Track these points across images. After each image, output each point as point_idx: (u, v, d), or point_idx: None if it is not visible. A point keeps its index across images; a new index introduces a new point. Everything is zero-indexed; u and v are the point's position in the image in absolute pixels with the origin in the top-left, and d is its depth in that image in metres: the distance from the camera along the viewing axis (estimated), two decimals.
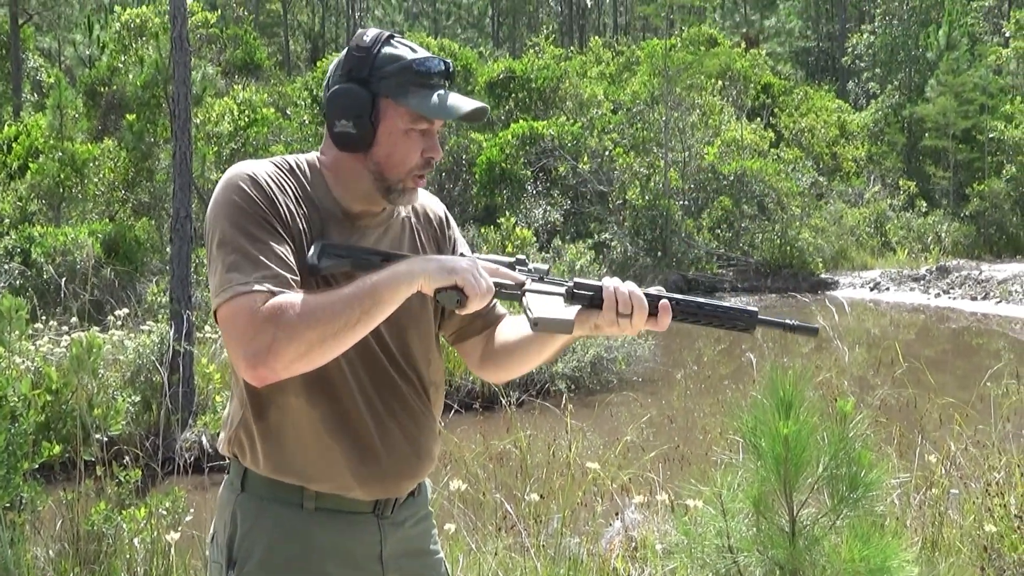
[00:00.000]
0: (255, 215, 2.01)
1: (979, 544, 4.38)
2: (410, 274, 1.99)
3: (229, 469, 2.21)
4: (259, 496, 2.13)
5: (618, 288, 2.09)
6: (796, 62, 47.49)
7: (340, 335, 1.94)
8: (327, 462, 2.10)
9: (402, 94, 2.10)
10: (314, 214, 2.12)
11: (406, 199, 2.17)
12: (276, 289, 1.94)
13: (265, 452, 2.11)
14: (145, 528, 4.81)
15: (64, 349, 8.28)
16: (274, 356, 1.90)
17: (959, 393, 7.24)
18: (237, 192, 2.03)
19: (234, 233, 1.99)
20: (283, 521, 2.12)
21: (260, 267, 1.96)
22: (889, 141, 32.74)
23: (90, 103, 20.20)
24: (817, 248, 23.57)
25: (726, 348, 14.92)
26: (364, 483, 2.13)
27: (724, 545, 2.96)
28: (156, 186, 17.59)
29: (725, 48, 28.17)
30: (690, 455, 6.54)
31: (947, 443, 5.38)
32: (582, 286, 2.10)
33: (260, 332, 1.90)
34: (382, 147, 2.12)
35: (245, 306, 1.92)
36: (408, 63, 2.10)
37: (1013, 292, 19.66)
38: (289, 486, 2.11)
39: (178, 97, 9.33)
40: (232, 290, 1.94)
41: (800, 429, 2.80)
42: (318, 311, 1.91)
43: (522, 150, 22.88)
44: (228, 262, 1.97)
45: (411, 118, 2.12)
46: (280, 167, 2.13)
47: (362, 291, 1.95)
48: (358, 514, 2.16)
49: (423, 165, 2.16)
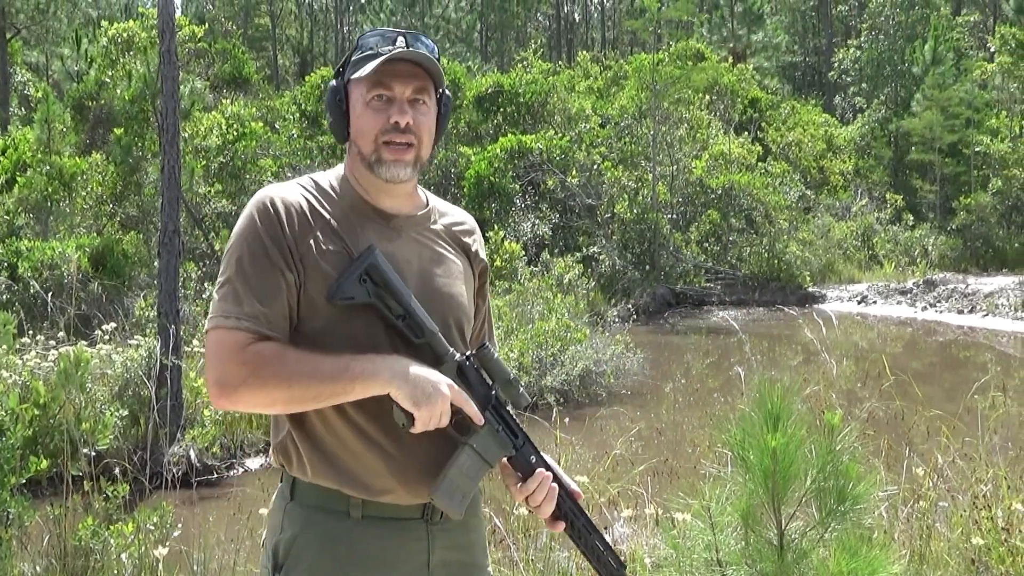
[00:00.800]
0: (258, 248, 2.10)
1: (966, 557, 4.39)
2: (388, 383, 2.04)
3: (282, 476, 2.25)
4: (306, 504, 2.16)
5: (540, 487, 2.21)
6: (783, 76, 47.69)
7: (304, 403, 2.08)
8: (368, 467, 2.13)
9: (355, 70, 2.19)
10: (349, 224, 2.18)
11: (388, 171, 2.18)
12: (257, 330, 2.06)
13: (309, 460, 2.14)
14: (133, 543, 4.79)
15: (52, 363, 8.25)
16: (238, 396, 2.07)
17: (946, 406, 7.26)
18: (249, 221, 2.14)
19: (235, 262, 2.11)
20: (329, 529, 2.14)
21: (246, 303, 2.07)
22: (876, 155, 32.88)
23: (78, 117, 20.15)
24: (804, 261, 23.62)
25: (714, 362, 14.94)
26: (407, 486, 2.15)
27: (712, 558, 2.96)
28: (144, 200, 17.56)
29: (712, 63, 28.25)
30: (679, 468, 6.54)
31: (934, 455, 5.39)
32: (520, 462, 2.23)
33: (236, 370, 2.05)
34: (353, 125, 2.22)
35: (228, 341, 2.06)
36: (356, 40, 2.22)
37: (999, 305, 19.74)
38: (335, 494, 2.14)
39: (166, 111, 9.32)
40: (217, 320, 2.08)
41: (788, 442, 2.80)
42: (293, 377, 2.04)
43: (510, 164, 22.89)
44: (223, 291, 2.11)
45: (367, 88, 2.17)
46: (305, 188, 2.21)
47: (340, 376, 2.04)
48: (406, 520, 2.18)
49: (390, 130, 2.17)
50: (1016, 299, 19.64)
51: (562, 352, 12.27)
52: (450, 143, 24.34)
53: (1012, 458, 5.84)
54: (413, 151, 2.20)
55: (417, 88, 2.19)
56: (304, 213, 2.14)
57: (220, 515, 7.27)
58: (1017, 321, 18.75)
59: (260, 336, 2.06)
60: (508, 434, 2.21)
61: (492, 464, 2.19)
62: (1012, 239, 27.87)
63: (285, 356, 2.05)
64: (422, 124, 2.20)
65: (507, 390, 2.21)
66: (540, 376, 11.74)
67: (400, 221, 2.25)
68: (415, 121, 2.18)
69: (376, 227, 2.20)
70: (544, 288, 15.16)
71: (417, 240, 2.26)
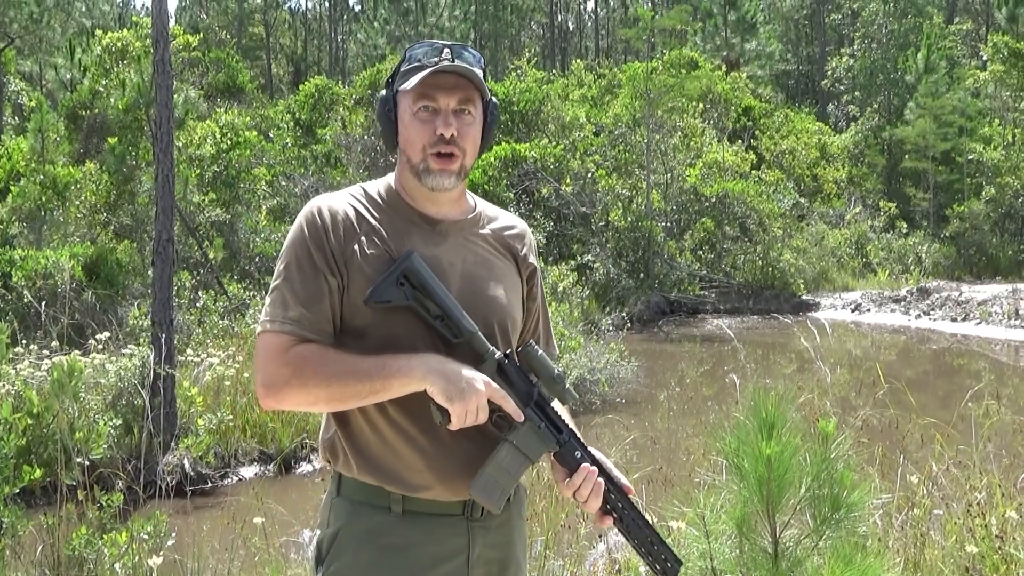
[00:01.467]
0: (304, 254, 2.21)
1: (961, 565, 4.39)
2: (423, 378, 2.11)
3: (331, 474, 2.32)
4: (351, 500, 2.24)
5: (586, 482, 2.25)
6: (777, 85, 47.76)
7: (345, 401, 2.16)
8: (408, 464, 2.19)
9: (403, 82, 2.26)
10: (394, 230, 2.26)
11: (435, 181, 2.25)
12: (300, 333, 2.17)
13: (353, 457, 2.22)
14: (127, 553, 4.78)
15: (45, 373, 8.22)
16: (283, 396, 2.17)
17: (940, 413, 7.26)
18: (298, 229, 2.25)
19: (284, 269, 2.23)
20: (372, 524, 2.21)
21: (289, 308, 2.19)
22: (869, 163, 32.95)
23: (71, 126, 20.11)
24: (798, 269, 23.65)
25: (709, 370, 14.94)
26: (445, 483, 2.20)
27: (707, 567, 2.96)
28: (138, 209, 17.52)
29: (706, 71, 28.29)
30: (673, 476, 6.54)
31: (929, 463, 5.39)
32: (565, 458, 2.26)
33: (279, 371, 2.16)
34: (401, 135, 2.29)
35: (272, 343, 2.18)
36: (403, 54, 2.28)
37: (993, 313, 19.77)
38: (377, 490, 2.20)
39: (160, 120, 9.32)
40: (264, 324, 2.21)
41: (783, 450, 2.81)
42: (333, 377, 2.13)
43: (505, 172, 22.90)
44: (272, 297, 2.23)
45: (413, 99, 2.24)
46: (354, 195, 2.31)
47: (378, 374, 2.12)
48: (447, 516, 2.23)
49: (436, 142, 2.23)
50: (1009, 307, 19.67)
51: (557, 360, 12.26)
52: None
53: (1006, 466, 5.84)
54: (458, 160, 2.26)
55: (462, 99, 2.25)
56: (350, 219, 2.24)
57: (214, 524, 7.26)
58: (1010, 329, 18.78)
59: (302, 338, 2.17)
60: (551, 430, 2.24)
61: (534, 460, 2.22)
62: (1005, 247, 27.94)
63: (325, 357, 2.15)
64: (466, 135, 2.26)
65: (551, 387, 2.26)
66: None
67: (446, 226, 2.32)
68: (459, 132, 2.24)
69: (421, 232, 2.28)
70: None
71: (463, 244, 2.33)
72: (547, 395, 2.27)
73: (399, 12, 55.58)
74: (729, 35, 44.31)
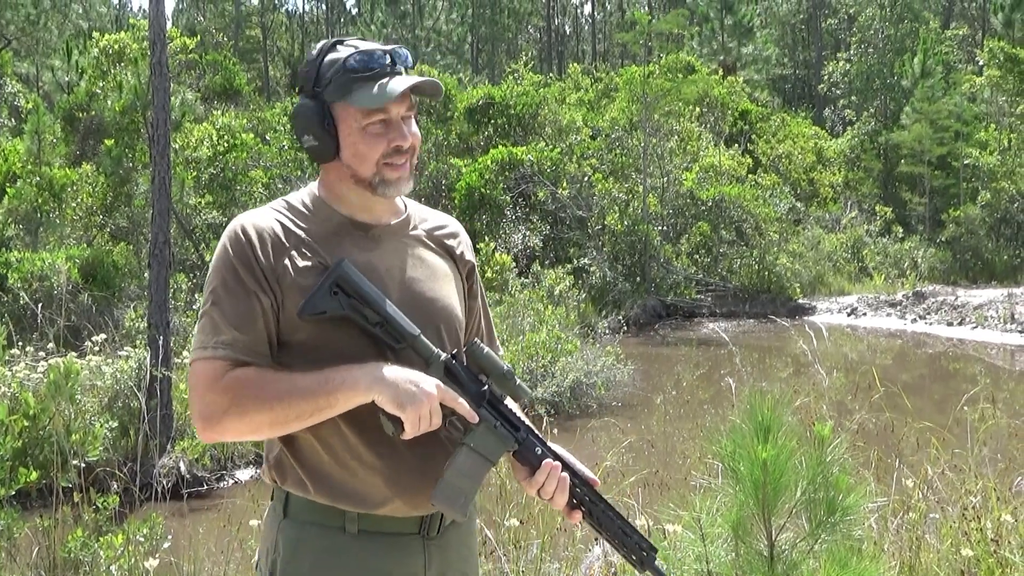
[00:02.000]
0: (231, 276, 2.12)
1: (956, 568, 4.40)
2: (368, 389, 2.03)
3: (273, 495, 2.23)
4: (301, 521, 2.14)
5: (549, 478, 2.19)
6: (773, 89, 47.83)
7: (289, 424, 2.05)
8: (365, 480, 2.11)
9: (347, 93, 2.15)
10: (325, 239, 2.18)
11: (392, 190, 2.20)
12: (234, 356, 2.06)
13: (307, 477, 2.13)
14: (123, 555, 4.78)
15: (41, 375, 8.22)
16: (223, 426, 2.06)
17: (936, 417, 7.27)
18: (222, 252, 2.16)
19: (211, 294, 2.13)
20: (326, 545, 2.12)
21: (221, 332, 2.08)
22: (865, 167, 32.96)
23: (68, 128, 20.11)
24: (795, 273, 23.66)
25: (705, 373, 14.95)
26: (405, 496, 2.12)
27: (703, 570, 2.96)
28: (134, 211, 17.53)
29: (703, 75, 28.30)
30: (669, 480, 6.54)
31: (924, 467, 5.40)
32: (525, 455, 2.20)
33: (216, 400, 2.05)
34: (347, 149, 2.18)
35: (206, 371, 2.07)
36: (343, 62, 2.16)
37: (989, 317, 19.79)
38: (331, 509, 2.12)
39: (157, 122, 9.33)
40: (196, 352, 2.10)
41: (778, 453, 2.81)
42: (274, 399, 2.02)
43: (501, 176, 22.92)
44: (201, 323, 2.13)
45: (362, 114, 2.15)
46: (278, 210, 2.22)
47: (321, 390, 2.02)
48: (403, 535, 2.16)
49: (391, 153, 2.18)
50: (1005, 311, 19.69)
51: (553, 363, 12.27)
52: (441, 155, 24.36)
53: (1001, 470, 5.85)
54: (409, 163, 2.24)
55: (409, 105, 2.21)
56: (276, 234, 2.15)
57: (210, 527, 7.25)
58: (1006, 333, 18.80)
59: (237, 362, 2.07)
60: (508, 429, 2.18)
61: (494, 462, 2.17)
62: (1001, 251, 27.96)
63: (263, 379, 2.05)
64: (414, 136, 2.23)
65: (502, 384, 2.19)
66: (531, 387, 11.74)
67: (379, 231, 2.25)
68: (411, 139, 2.22)
69: (353, 239, 2.21)
70: (535, 300, 15.18)
71: (398, 248, 2.26)
72: (499, 393, 2.20)
73: (396, 15, 55.63)
74: (726, 39, 44.39)
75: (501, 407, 2.19)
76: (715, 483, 3.25)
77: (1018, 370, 16.12)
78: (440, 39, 57.08)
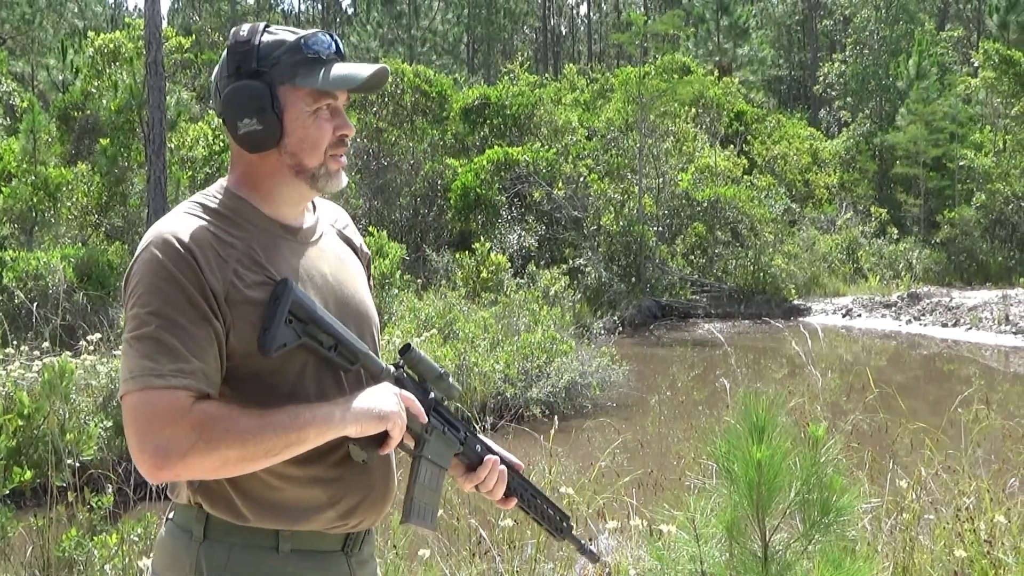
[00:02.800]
0: (178, 295, 1.89)
1: (949, 569, 4.40)
2: (343, 421, 1.93)
3: (174, 516, 2.07)
4: (228, 543, 1.99)
5: (491, 473, 2.21)
6: (768, 90, 47.88)
7: (257, 461, 1.89)
8: (300, 499, 2.01)
9: (299, 75, 2.00)
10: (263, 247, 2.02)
11: (332, 184, 2.06)
12: (197, 387, 1.86)
13: (238, 497, 1.98)
14: (117, 554, 4.77)
15: (36, 374, 8.21)
16: (185, 463, 1.83)
17: (930, 419, 7.28)
18: (159, 267, 1.90)
19: (153, 313, 1.88)
20: (258, 566, 2.00)
21: (179, 358, 1.85)
22: (861, 169, 33.02)
23: (63, 127, 20.11)
24: (790, 274, 23.70)
25: (700, 374, 14.96)
26: (345, 511, 2.05)
27: (697, 570, 2.97)
28: (130, 211, 17.50)
29: (698, 76, 28.33)
30: (664, 480, 6.55)
31: (918, 468, 5.41)
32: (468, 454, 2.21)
33: (181, 435, 1.82)
34: (294, 135, 2.02)
35: (166, 402, 1.83)
36: (296, 43, 2.01)
37: (983, 319, 19.83)
38: (261, 530, 1.99)
39: (152, 122, 9.33)
40: (145, 380, 1.84)
41: (773, 454, 2.81)
42: (245, 434, 1.85)
43: (497, 176, 22.92)
44: (143, 348, 1.86)
45: (314, 98, 2.01)
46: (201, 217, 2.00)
47: (293, 426, 1.89)
48: (330, 553, 2.08)
49: (337, 143, 2.05)
50: (999, 313, 19.73)
51: (548, 364, 12.28)
52: (437, 155, 24.35)
53: (995, 471, 5.86)
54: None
55: (347, 97, 2.10)
56: (213, 247, 1.94)
57: None
58: (1000, 335, 18.84)
59: (201, 394, 1.86)
60: (452, 431, 2.17)
61: (447, 467, 2.17)
62: (996, 253, 28.02)
63: (232, 413, 1.87)
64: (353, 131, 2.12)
65: (438, 385, 2.15)
66: (526, 388, 11.75)
67: (304, 233, 2.11)
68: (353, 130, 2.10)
69: (288, 245, 2.06)
70: (530, 300, 15.19)
71: (320, 252, 2.13)
72: (440, 397, 2.17)
73: (392, 15, 55.61)
74: (721, 40, 44.42)
75: (442, 410, 2.17)
76: (709, 483, 3.26)
77: (1012, 371, 16.15)
78: (436, 39, 57.06)
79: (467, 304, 15.29)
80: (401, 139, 23.77)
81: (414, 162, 23.75)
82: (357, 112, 23.79)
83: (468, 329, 13.03)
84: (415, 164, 23.75)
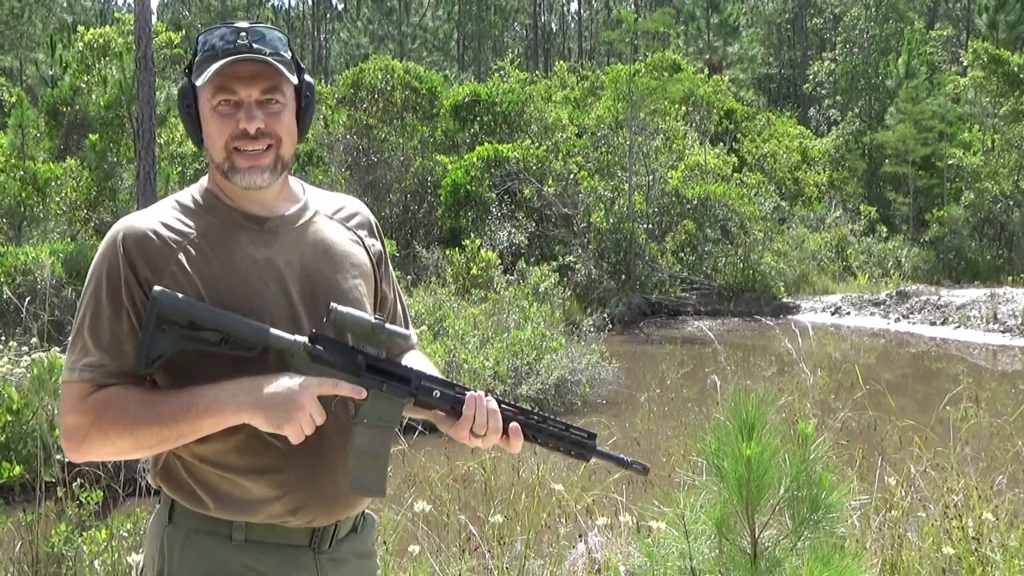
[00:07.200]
0: (104, 291, 2.02)
1: (938, 566, 4.42)
2: (235, 413, 1.93)
3: (160, 500, 2.14)
4: (186, 528, 2.05)
5: (478, 409, 2.05)
6: (759, 88, 47.94)
7: (153, 448, 2.00)
8: (250, 489, 2.01)
9: (200, 73, 2.03)
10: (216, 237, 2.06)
11: (246, 179, 2.05)
12: (99, 380, 1.98)
13: (191, 483, 2.04)
14: (106, 550, 4.76)
15: (25, 369, 8.19)
16: (86, 448, 1.98)
17: (919, 416, 7.31)
18: (99, 261, 2.06)
19: (82, 306, 2.04)
20: (211, 553, 2.02)
21: (89, 352, 1.99)
22: (850, 167, 33.08)
23: (52, 122, 20.03)
24: (779, 272, 23.74)
25: (689, 371, 14.98)
26: (293, 507, 2.03)
27: (687, 567, 2.97)
28: (119, 206, 17.47)
29: (689, 74, 28.35)
30: (654, 477, 6.55)
31: (907, 465, 5.42)
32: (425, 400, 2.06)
33: (78, 422, 1.97)
34: (204, 132, 2.09)
35: (71, 393, 1.99)
36: (200, 40, 2.07)
37: (971, 317, 19.89)
38: (216, 519, 2.03)
39: (142, 117, 9.31)
40: (64, 373, 2.01)
41: (762, 451, 2.82)
42: (134, 424, 1.95)
43: (487, 173, 22.93)
44: (71, 342, 2.04)
45: (211, 93, 2.03)
46: (165, 209, 2.11)
47: (184, 416, 1.93)
48: (293, 547, 2.05)
49: (239, 137, 2.03)
50: (988, 311, 19.80)
51: (538, 361, 12.29)
52: (427, 151, 24.34)
53: (983, 468, 5.88)
54: (271, 154, 2.06)
55: (265, 88, 2.04)
56: (161, 238, 2.03)
57: None
58: (988, 333, 18.90)
59: (100, 384, 1.98)
60: (399, 383, 2.05)
61: (394, 424, 2.05)
62: (984, 251, 28.10)
63: (126, 402, 1.96)
64: (277, 124, 2.06)
65: (374, 340, 2.03)
66: (516, 385, 11.75)
67: (275, 222, 2.12)
68: (267, 124, 2.04)
69: (249, 234, 2.08)
70: (520, 297, 15.20)
71: (297, 239, 2.13)
72: (376, 352, 2.04)
73: (382, 12, 55.49)
74: (712, 38, 44.45)
75: (381, 365, 2.05)
76: (699, 480, 3.26)
77: (1000, 370, 16.21)
78: (426, 36, 56.98)
79: (457, 301, 15.29)
80: (391, 136, 23.74)
81: (404, 159, 23.72)
82: (347, 108, 23.77)
83: (458, 326, 13.03)
84: (405, 161, 23.72)
